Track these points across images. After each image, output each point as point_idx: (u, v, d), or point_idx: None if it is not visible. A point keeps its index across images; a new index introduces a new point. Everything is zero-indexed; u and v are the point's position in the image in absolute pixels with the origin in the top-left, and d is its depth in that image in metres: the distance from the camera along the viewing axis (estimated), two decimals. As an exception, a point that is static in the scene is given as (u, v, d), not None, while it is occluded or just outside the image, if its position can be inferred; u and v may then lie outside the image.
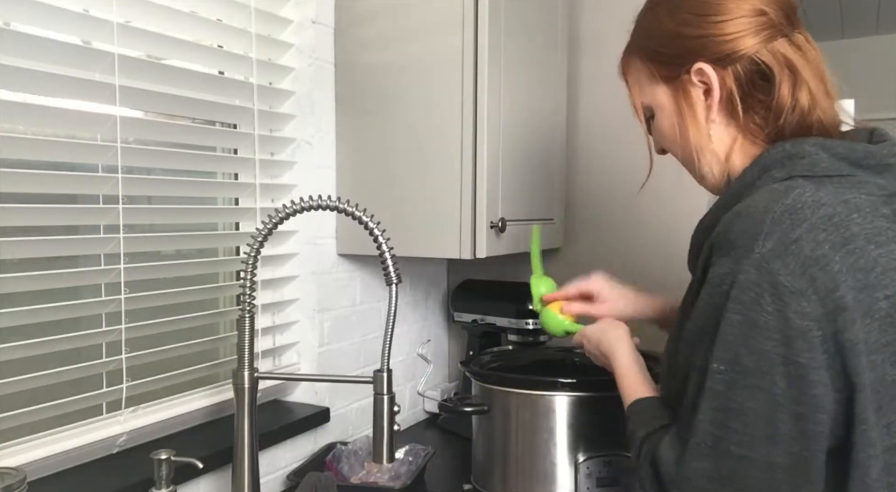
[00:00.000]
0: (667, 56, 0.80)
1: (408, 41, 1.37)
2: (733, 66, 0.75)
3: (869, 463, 0.66)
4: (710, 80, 0.76)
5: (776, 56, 0.74)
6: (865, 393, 0.65)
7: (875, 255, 0.66)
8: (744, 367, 0.66)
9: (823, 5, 2.96)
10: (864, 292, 0.65)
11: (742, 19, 0.74)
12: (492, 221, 1.33)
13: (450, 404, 1.26)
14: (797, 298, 0.63)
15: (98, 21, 1.05)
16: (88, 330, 1.06)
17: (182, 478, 1.07)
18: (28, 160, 1.01)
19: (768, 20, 0.75)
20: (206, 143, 1.28)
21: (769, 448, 0.66)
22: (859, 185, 0.70)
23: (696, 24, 0.76)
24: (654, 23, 0.82)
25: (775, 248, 0.64)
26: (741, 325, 0.66)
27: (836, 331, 0.64)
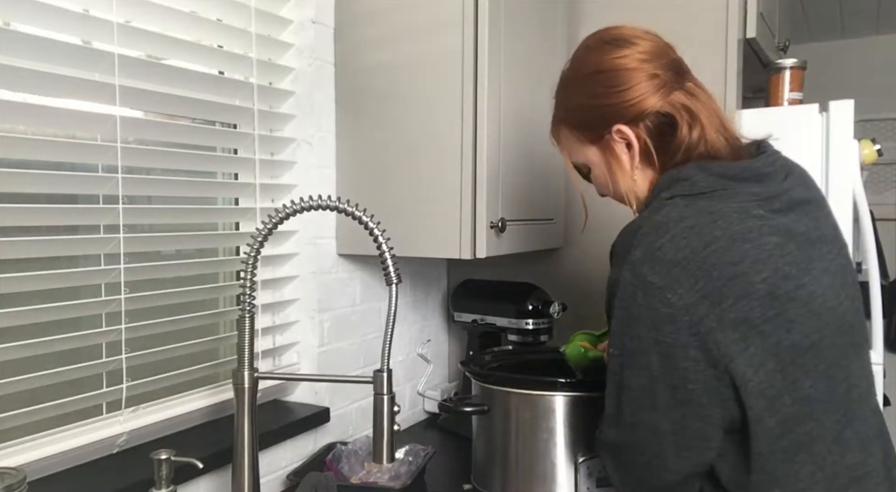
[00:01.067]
0: (589, 124, 0.95)
1: (408, 41, 1.37)
2: (643, 121, 0.90)
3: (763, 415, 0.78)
4: (629, 136, 0.92)
5: (675, 106, 0.89)
6: (739, 362, 0.78)
7: (745, 249, 0.79)
8: (629, 350, 0.82)
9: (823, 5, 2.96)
10: (735, 281, 0.78)
11: (641, 85, 0.90)
12: (492, 221, 1.33)
13: (450, 404, 1.26)
14: (663, 292, 0.79)
15: (98, 21, 1.05)
16: (88, 330, 1.06)
17: (182, 478, 1.07)
18: (28, 160, 1.01)
19: (661, 81, 0.90)
20: (206, 143, 1.28)
21: (653, 415, 0.82)
22: (732, 195, 0.83)
23: (605, 96, 0.92)
24: (571, 99, 0.98)
25: (643, 255, 0.81)
26: (624, 317, 0.83)
27: (701, 316, 0.78)
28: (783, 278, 0.80)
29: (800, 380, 0.80)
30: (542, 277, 1.75)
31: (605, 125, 0.92)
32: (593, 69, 0.93)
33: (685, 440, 0.81)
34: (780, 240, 0.82)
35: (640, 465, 0.85)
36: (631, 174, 0.94)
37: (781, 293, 0.80)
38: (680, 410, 0.80)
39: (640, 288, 0.80)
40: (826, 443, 0.81)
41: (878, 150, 1.52)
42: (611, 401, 0.86)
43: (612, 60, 0.91)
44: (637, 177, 0.94)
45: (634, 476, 0.87)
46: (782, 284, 0.80)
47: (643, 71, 0.90)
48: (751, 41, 1.60)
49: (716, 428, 0.81)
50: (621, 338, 0.83)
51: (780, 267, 0.80)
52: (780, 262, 0.81)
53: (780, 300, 0.79)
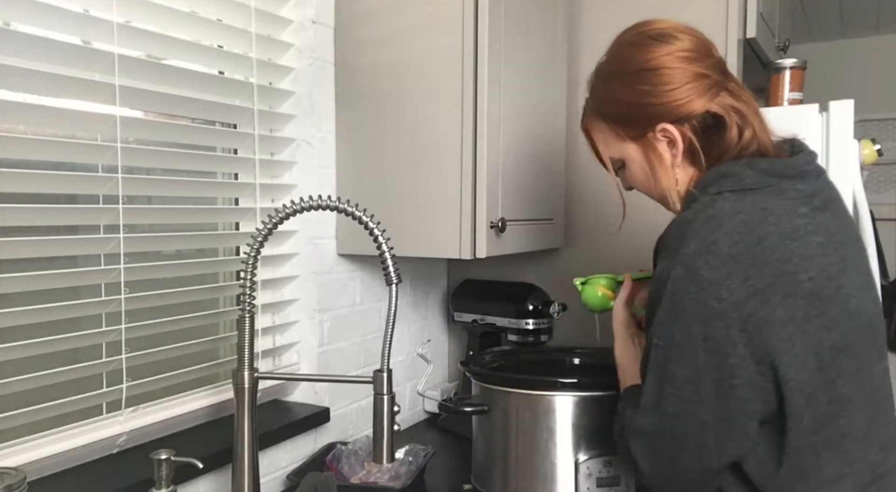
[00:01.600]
0: (632, 120, 0.93)
1: (408, 41, 1.37)
2: (690, 121, 0.89)
3: (801, 412, 0.80)
4: (674, 135, 0.90)
5: (724, 107, 0.88)
6: (784, 359, 0.78)
7: (792, 247, 0.80)
8: (676, 343, 0.82)
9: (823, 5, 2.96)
10: (784, 278, 0.79)
11: (689, 85, 0.88)
12: (492, 221, 1.33)
13: (450, 404, 1.26)
14: (716, 287, 0.79)
15: (98, 21, 1.05)
16: (88, 330, 1.06)
17: (182, 478, 1.07)
18: (28, 160, 1.01)
19: (710, 81, 0.89)
20: (206, 143, 1.28)
21: (696, 407, 0.82)
22: (780, 192, 0.84)
23: (652, 95, 0.90)
24: (613, 94, 0.95)
25: (697, 248, 0.80)
26: (672, 310, 0.82)
27: (751, 312, 0.78)
28: (826, 279, 0.81)
29: (836, 380, 0.81)
30: (542, 277, 1.75)
31: (650, 123, 0.91)
32: (639, 67, 0.90)
33: (727, 433, 0.82)
34: (822, 239, 0.83)
35: (680, 453, 0.85)
36: (673, 173, 0.93)
37: (824, 293, 0.81)
38: (724, 403, 0.81)
39: (692, 282, 0.80)
40: (854, 441, 0.82)
41: (878, 150, 1.51)
42: (651, 391, 0.86)
43: (659, 58, 0.89)
44: (679, 175, 0.93)
45: (671, 464, 0.86)
46: (826, 284, 0.81)
47: (690, 70, 0.88)
48: (751, 41, 1.60)
49: (755, 423, 0.82)
50: (668, 329, 0.82)
51: (823, 267, 0.81)
52: (823, 262, 0.82)
53: (822, 300, 0.80)
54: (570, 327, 1.70)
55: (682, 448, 0.84)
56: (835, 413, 0.81)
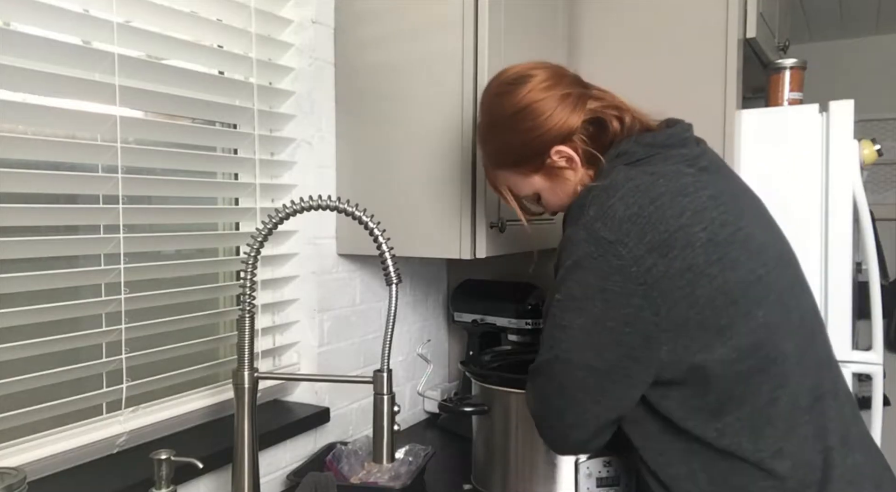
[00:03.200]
0: (527, 157, 1.02)
1: (408, 41, 1.37)
2: (576, 135, 0.98)
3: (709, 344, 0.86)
4: (568, 153, 0.99)
5: (596, 109, 0.98)
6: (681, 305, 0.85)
7: (685, 202, 0.88)
8: (573, 294, 0.89)
9: (823, 5, 2.96)
10: (679, 232, 0.86)
11: (559, 107, 0.97)
12: (492, 221, 1.33)
13: (450, 404, 1.26)
14: (615, 246, 0.86)
15: (98, 21, 1.05)
16: (88, 330, 1.06)
17: (182, 478, 1.07)
18: (28, 160, 1.01)
19: (575, 96, 0.99)
20: (206, 143, 1.28)
21: (588, 353, 0.88)
22: (666, 158, 0.94)
23: (535, 128, 0.99)
24: (502, 142, 1.04)
25: (596, 213, 0.88)
26: (572, 266, 0.89)
27: (649, 267, 0.85)
28: (720, 225, 0.88)
29: (753, 310, 0.87)
30: (542, 277, 1.75)
31: (543, 152, 0.99)
32: (511, 110, 1.00)
33: (611, 376, 0.89)
34: (712, 193, 0.90)
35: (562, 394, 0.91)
36: (580, 180, 1.01)
37: (721, 239, 0.87)
38: (613, 350, 0.87)
39: (592, 243, 0.87)
40: (788, 365, 0.88)
41: (878, 150, 1.52)
42: (547, 339, 0.93)
43: (525, 96, 0.99)
44: (585, 180, 1.00)
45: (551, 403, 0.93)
46: (720, 231, 0.88)
47: (554, 96, 0.98)
48: (751, 41, 1.60)
49: (641, 368, 0.88)
50: (567, 284, 0.89)
51: (715, 217, 0.88)
52: (714, 212, 0.89)
53: (720, 245, 0.87)
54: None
55: (566, 391, 0.91)
56: (759, 341, 0.87)
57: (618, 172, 0.92)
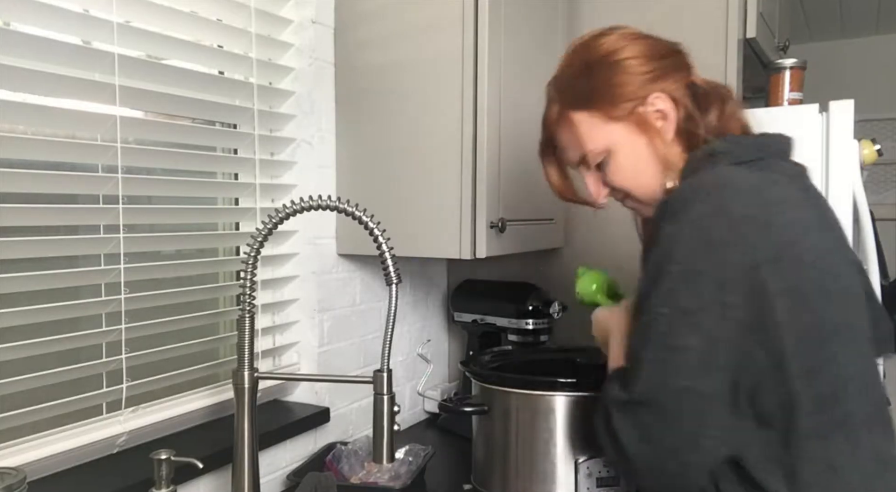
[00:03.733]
0: (621, 95, 0.89)
1: (408, 41, 1.37)
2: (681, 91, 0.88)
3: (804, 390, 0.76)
4: (668, 105, 0.88)
5: (703, 83, 0.90)
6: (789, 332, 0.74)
7: (798, 215, 0.78)
8: (683, 308, 0.75)
9: (823, 5, 2.96)
10: (790, 246, 0.76)
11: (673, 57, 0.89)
12: (492, 221, 1.33)
13: (450, 404, 1.26)
14: (728, 249, 0.74)
15: (98, 21, 1.05)
16: (88, 330, 1.06)
17: (182, 478, 1.07)
18: (28, 160, 1.01)
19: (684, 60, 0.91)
20: (206, 143, 1.28)
21: (702, 379, 0.75)
22: (772, 165, 0.83)
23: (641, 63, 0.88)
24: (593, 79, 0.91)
25: (708, 210, 0.76)
26: (681, 273, 0.76)
27: (763, 279, 0.74)
28: (825, 251, 0.79)
29: (837, 355, 0.77)
30: (542, 277, 1.75)
31: (640, 93, 0.87)
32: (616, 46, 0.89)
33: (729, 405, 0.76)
34: (818, 213, 0.82)
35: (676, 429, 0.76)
36: (663, 157, 0.88)
37: (822, 266, 0.78)
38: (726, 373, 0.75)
39: (703, 244, 0.75)
40: (859, 425, 0.79)
41: (878, 150, 1.51)
42: (650, 362, 0.77)
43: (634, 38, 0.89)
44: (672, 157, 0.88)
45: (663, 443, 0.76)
46: (826, 257, 0.78)
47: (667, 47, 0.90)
48: (751, 41, 1.60)
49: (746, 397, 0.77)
50: (674, 296, 0.76)
51: (820, 240, 0.79)
52: (819, 235, 0.79)
53: (821, 272, 0.77)
54: (570, 327, 1.70)
55: (680, 424, 0.75)
56: (838, 394, 0.77)
57: (729, 168, 0.81)
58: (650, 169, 0.89)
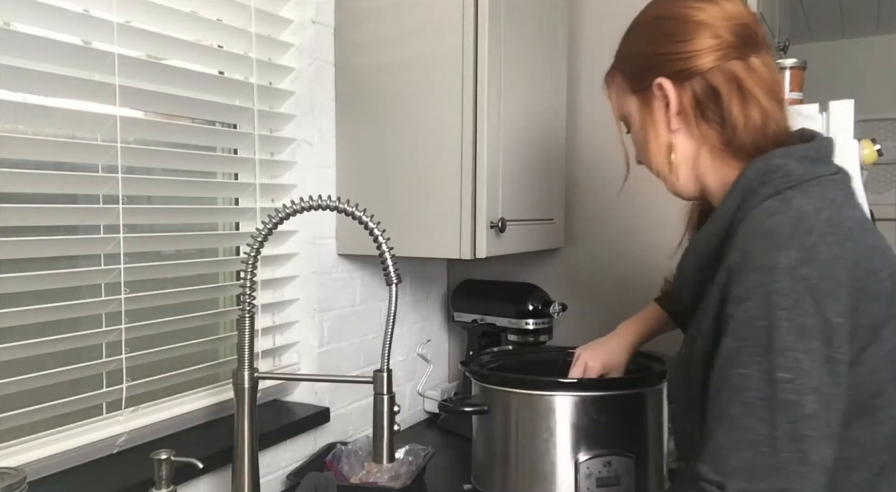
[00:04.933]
0: (637, 70, 0.89)
1: (408, 41, 1.37)
2: (690, 82, 0.83)
3: None
4: (668, 93, 0.84)
5: (727, 75, 0.81)
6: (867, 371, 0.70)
7: (868, 240, 0.73)
8: (805, 371, 0.67)
9: (823, 5, 2.96)
10: (872, 277, 0.71)
11: (700, 40, 0.82)
12: (492, 221, 1.33)
13: (450, 404, 1.26)
14: (829, 298, 0.68)
15: (98, 21, 1.05)
16: (88, 330, 1.06)
17: (182, 478, 1.07)
18: (28, 160, 1.01)
19: (723, 42, 0.82)
20: (206, 143, 1.28)
21: (825, 449, 0.67)
22: (830, 182, 0.77)
23: (659, 43, 0.86)
24: (629, 43, 0.92)
25: (800, 257, 0.69)
26: (791, 330, 0.67)
27: (856, 323, 0.69)
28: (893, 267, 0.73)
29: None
30: (542, 277, 1.75)
31: (650, 74, 0.85)
32: (659, 15, 0.87)
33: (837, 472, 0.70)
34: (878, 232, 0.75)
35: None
36: (668, 137, 0.86)
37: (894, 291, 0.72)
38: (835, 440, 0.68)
39: (806, 294, 0.67)
40: None
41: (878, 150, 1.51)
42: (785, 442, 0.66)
43: (681, 9, 0.84)
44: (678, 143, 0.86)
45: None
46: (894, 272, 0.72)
47: (708, 28, 0.82)
48: (751, 41, 1.59)
49: None
50: (794, 356, 0.67)
51: (891, 262, 0.73)
52: (889, 256, 0.74)
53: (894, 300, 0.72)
54: (570, 327, 1.70)
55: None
56: None
57: (797, 200, 0.73)
58: (655, 150, 0.88)
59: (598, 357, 1.19)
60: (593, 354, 1.20)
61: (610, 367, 1.19)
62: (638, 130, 0.91)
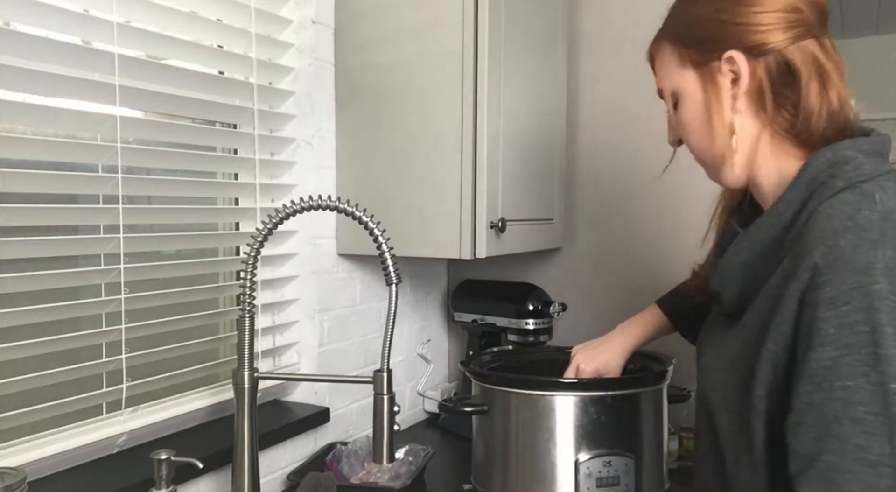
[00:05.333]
0: (700, 40, 0.80)
1: (408, 41, 1.37)
2: (764, 58, 0.75)
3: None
4: (740, 68, 0.76)
5: (805, 55, 0.75)
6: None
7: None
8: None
9: (823, 5, 2.96)
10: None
11: (778, 13, 0.75)
12: (492, 221, 1.33)
13: (450, 404, 1.26)
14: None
15: (98, 21, 1.05)
16: (88, 330, 1.06)
17: (182, 478, 1.07)
18: (28, 160, 1.01)
19: (802, 18, 0.76)
20: (206, 143, 1.28)
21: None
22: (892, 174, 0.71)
23: (732, 12, 0.77)
24: (691, 8, 0.82)
25: (891, 253, 0.63)
26: None
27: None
28: None
29: None
30: (542, 277, 1.75)
31: (717, 47, 0.77)
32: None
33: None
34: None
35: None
36: (731, 117, 0.78)
37: None
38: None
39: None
40: None
41: (878, 150, 1.51)
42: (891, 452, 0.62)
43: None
44: (739, 126, 0.78)
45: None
46: None
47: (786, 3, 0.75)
48: (751, 41, 1.60)
49: None
50: None
51: None
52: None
53: None
54: (570, 327, 1.70)
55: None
56: None
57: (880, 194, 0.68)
58: (714, 129, 0.80)
59: (591, 360, 1.19)
60: (587, 357, 1.20)
61: (604, 371, 1.19)
62: (694, 108, 0.82)
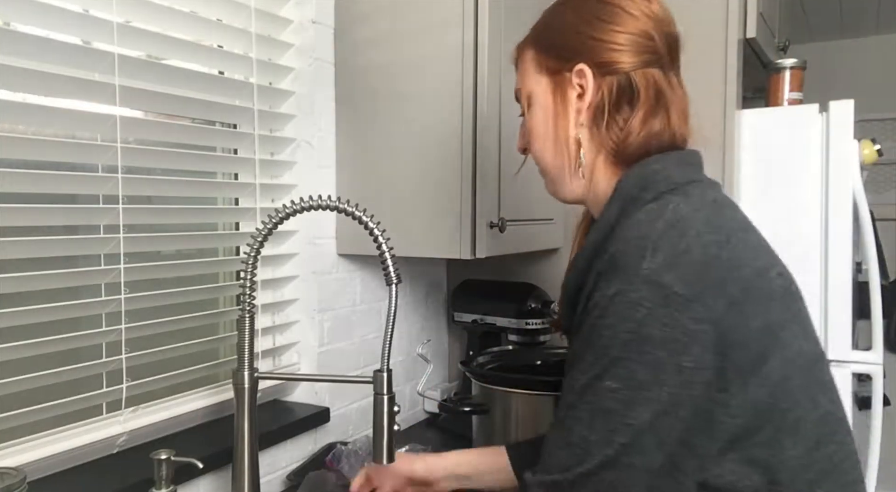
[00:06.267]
0: (557, 48, 0.83)
1: (408, 41, 1.37)
2: (611, 76, 0.78)
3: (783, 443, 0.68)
4: (587, 83, 0.79)
5: (648, 81, 0.78)
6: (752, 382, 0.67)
7: (753, 240, 0.71)
8: (638, 380, 0.66)
9: (823, 5, 2.96)
10: (758, 278, 0.68)
11: (632, 36, 0.78)
12: (492, 221, 1.33)
13: (450, 404, 1.26)
14: (693, 304, 0.64)
15: (98, 21, 1.05)
16: (88, 330, 1.06)
17: (182, 478, 1.07)
18: (28, 160, 1.01)
19: (654, 47, 0.79)
20: (206, 143, 1.28)
21: (655, 455, 0.67)
22: (710, 184, 0.76)
23: (592, 25, 0.80)
24: (557, 17, 0.86)
25: (666, 261, 0.66)
26: (632, 342, 0.66)
27: (727, 327, 0.65)
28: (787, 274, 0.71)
29: (818, 396, 0.70)
30: (542, 277, 1.75)
31: (572, 57, 0.80)
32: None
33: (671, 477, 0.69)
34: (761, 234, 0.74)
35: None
36: (574, 131, 0.81)
37: (793, 290, 0.70)
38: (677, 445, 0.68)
39: (663, 303, 0.64)
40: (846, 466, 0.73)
41: (878, 150, 1.52)
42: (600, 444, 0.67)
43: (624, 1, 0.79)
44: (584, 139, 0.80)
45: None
46: (792, 280, 0.71)
47: (643, 25, 0.78)
48: (751, 41, 1.60)
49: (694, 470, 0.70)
50: (626, 367, 0.66)
51: (777, 260, 0.72)
52: (774, 255, 0.72)
53: (793, 299, 0.70)
54: (570, 327, 1.70)
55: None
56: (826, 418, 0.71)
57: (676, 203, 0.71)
58: (559, 138, 0.83)
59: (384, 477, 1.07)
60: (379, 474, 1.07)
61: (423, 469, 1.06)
62: (542, 115, 0.84)
